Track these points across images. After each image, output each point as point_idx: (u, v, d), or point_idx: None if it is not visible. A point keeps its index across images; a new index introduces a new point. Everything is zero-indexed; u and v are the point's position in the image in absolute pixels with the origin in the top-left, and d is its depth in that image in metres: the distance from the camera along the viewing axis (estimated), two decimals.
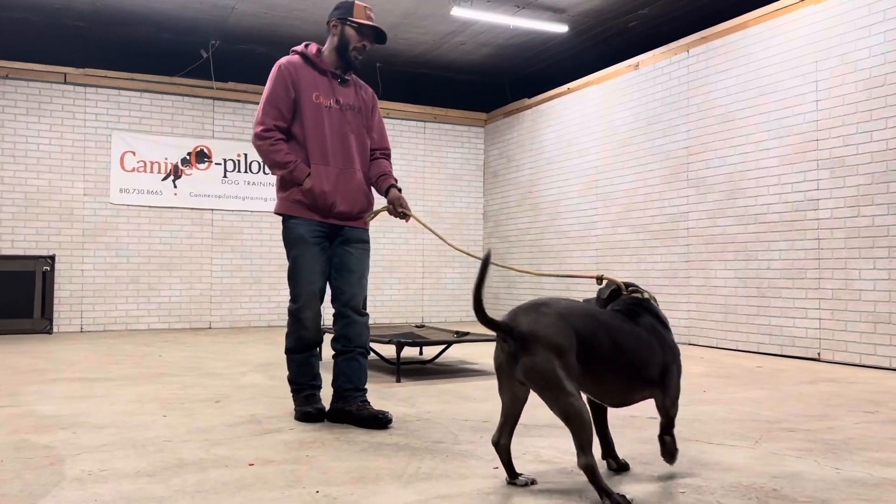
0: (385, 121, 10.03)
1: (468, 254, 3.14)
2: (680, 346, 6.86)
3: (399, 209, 3.41)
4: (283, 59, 3.43)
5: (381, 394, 4.17)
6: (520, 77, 10.54)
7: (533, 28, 8.42)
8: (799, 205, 6.10)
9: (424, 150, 10.36)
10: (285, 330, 3.49)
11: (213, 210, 9.04)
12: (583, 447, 2.13)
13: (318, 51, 3.50)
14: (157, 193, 8.80)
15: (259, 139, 3.34)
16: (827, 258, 5.87)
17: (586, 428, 2.13)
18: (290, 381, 3.46)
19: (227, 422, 3.38)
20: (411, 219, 3.43)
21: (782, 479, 2.48)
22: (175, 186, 8.86)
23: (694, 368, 5.41)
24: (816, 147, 5.99)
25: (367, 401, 3.39)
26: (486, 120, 10.68)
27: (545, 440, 3.04)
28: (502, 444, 2.39)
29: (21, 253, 8.16)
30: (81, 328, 8.38)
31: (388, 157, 3.61)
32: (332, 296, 3.44)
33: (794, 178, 6.15)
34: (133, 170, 8.71)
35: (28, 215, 8.24)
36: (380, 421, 3.23)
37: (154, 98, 8.87)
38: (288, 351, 3.42)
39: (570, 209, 8.86)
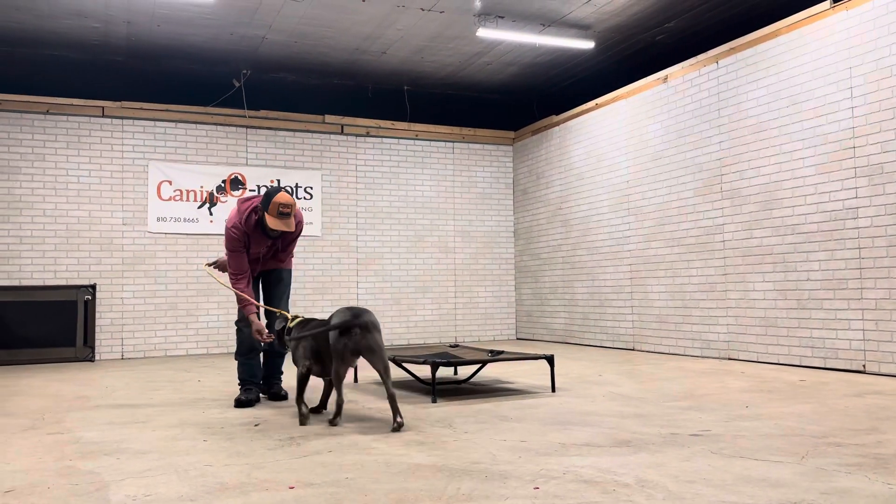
0: (414, 142, 10.13)
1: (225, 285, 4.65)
2: (719, 362, 6.76)
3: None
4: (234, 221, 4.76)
5: (416, 414, 4.17)
6: (547, 94, 10.56)
7: (559, 45, 8.45)
8: (837, 214, 5.99)
9: (453, 171, 10.41)
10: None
11: None
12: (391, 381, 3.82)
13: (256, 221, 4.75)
14: (193, 221, 8.96)
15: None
16: (869, 267, 5.74)
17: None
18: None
19: (267, 445, 3.41)
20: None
21: (832, 496, 2.41)
22: (211, 214, 9.02)
23: (735, 383, 5.32)
24: (853, 155, 5.88)
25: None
26: (515, 138, 10.71)
27: (585, 459, 3.01)
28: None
29: (63, 283, 8.35)
30: (122, 355, 8.54)
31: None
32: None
33: (832, 187, 6.04)
34: (170, 198, 8.89)
35: (70, 246, 8.45)
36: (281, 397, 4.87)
37: (189, 128, 9.07)
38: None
39: (602, 225, 8.81)
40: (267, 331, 4.61)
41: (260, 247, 4.80)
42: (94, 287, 8.37)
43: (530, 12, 7.58)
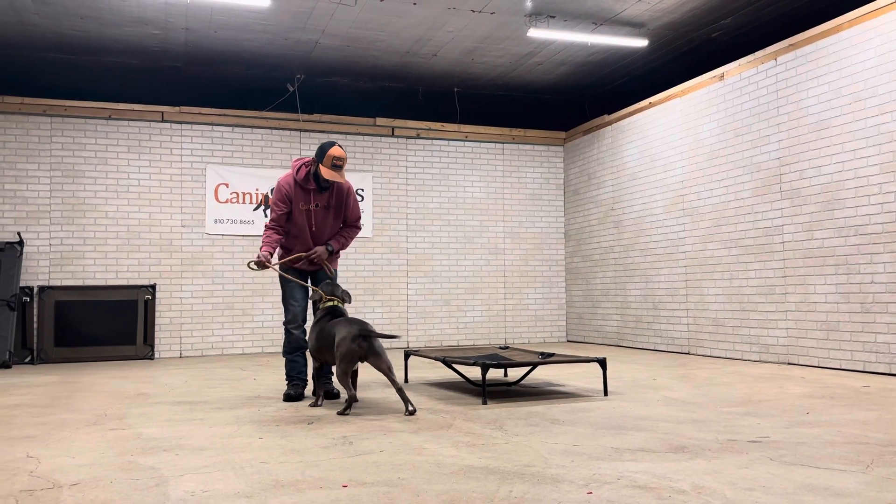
0: (464, 144, 10.14)
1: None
2: (778, 366, 6.58)
3: (310, 258, 4.93)
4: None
5: (467, 416, 4.17)
6: (599, 94, 10.44)
7: (611, 44, 8.35)
8: None
9: (503, 172, 10.38)
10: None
11: None
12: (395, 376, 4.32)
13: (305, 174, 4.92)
14: (249, 223, 9.15)
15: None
16: None
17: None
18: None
19: (321, 443, 3.45)
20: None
21: None
22: (266, 216, 9.19)
23: (795, 389, 5.17)
24: None
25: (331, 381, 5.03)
26: (565, 138, 10.62)
27: (640, 464, 2.96)
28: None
29: (125, 283, 8.63)
30: (181, 353, 8.77)
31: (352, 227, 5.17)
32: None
33: None
34: (226, 201, 9.10)
35: (131, 247, 8.72)
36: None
37: (245, 132, 9.26)
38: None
39: (656, 226, 8.67)
40: (259, 260, 4.77)
41: (309, 203, 4.91)
42: (153, 287, 8.62)
43: (582, 11, 7.51)
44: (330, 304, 4.66)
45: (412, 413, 4.19)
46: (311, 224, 4.96)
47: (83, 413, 4.50)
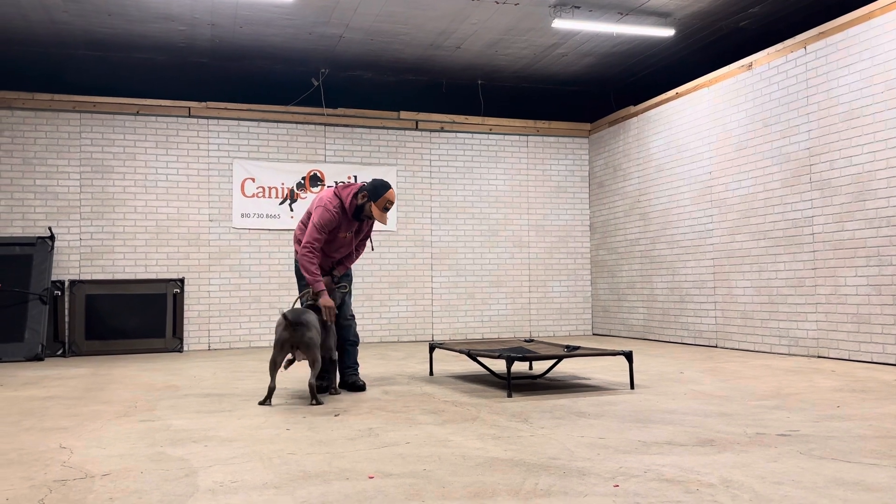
0: (488, 137, 10.11)
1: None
2: (808, 360, 6.48)
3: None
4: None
5: (492, 409, 4.17)
6: (625, 84, 10.34)
7: (637, 34, 8.26)
8: None
9: (527, 164, 10.33)
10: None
11: None
12: (318, 373, 4.45)
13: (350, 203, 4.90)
14: (275, 217, 9.22)
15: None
16: None
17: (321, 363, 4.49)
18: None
19: (347, 435, 3.48)
20: None
21: None
22: (291, 210, 9.26)
23: (825, 382, 5.09)
24: None
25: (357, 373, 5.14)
26: (591, 130, 10.54)
27: (667, 458, 2.94)
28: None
29: (154, 276, 8.75)
30: (209, 346, 8.87)
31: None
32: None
33: None
34: (253, 195, 9.17)
35: (159, 241, 8.84)
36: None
37: (270, 127, 9.33)
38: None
39: (683, 217, 8.57)
40: (318, 297, 4.77)
41: (347, 231, 4.98)
42: (182, 281, 8.73)
43: (607, 1, 7.43)
44: (311, 303, 4.81)
45: (316, 405, 4.34)
46: (341, 248, 5.04)
47: (114, 405, 4.58)
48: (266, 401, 4.44)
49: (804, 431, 3.43)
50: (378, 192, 4.82)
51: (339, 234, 4.94)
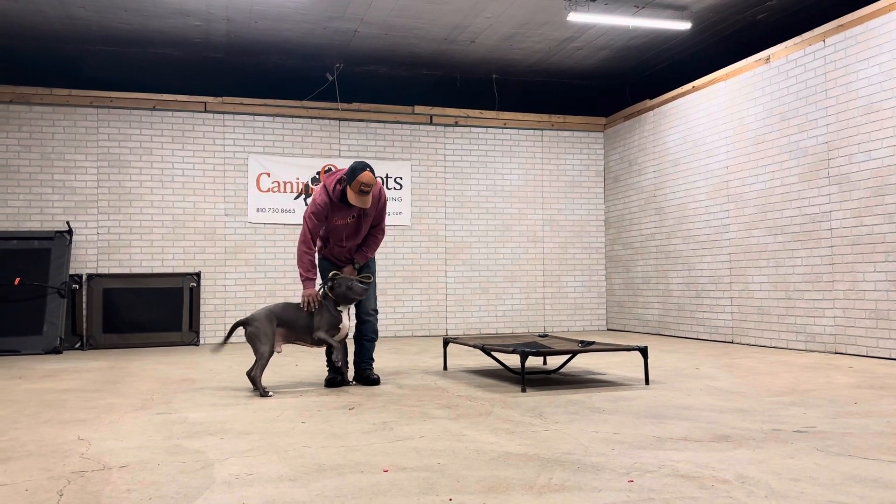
0: (502, 131, 10.08)
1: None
2: (825, 356, 6.42)
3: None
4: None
5: (506, 403, 4.17)
6: (640, 78, 10.28)
7: (653, 28, 8.20)
8: None
9: (542, 159, 10.30)
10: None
11: None
12: (259, 365, 4.68)
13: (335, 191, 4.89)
14: (290, 212, 9.26)
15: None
16: None
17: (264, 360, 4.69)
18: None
19: (361, 428, 3.49)
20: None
21: None
22: (306, 204, 9.28)
23: (842, 379, 5.05)
24: None
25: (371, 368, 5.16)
26: (606, 124, 10.48)
27: (682, 453, 2.93)
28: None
29: (170, 270, 8.81)
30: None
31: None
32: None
33: None
34: (268, 190, 9.21)
35: (176, 236, 8.90)
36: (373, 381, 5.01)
37: (285, 122, 9.36)
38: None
39: (699, 212, 8.52)
40: (311, 300, 4.83)
41: (345, 218, 4.92)
42: (198, 275, 8.79)
43: None
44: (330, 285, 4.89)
45: (259, 395, 4.58)
46: (347, 234, 5.00)
47: (131, 397, 4.63)
48: (263, 392, 4.65)
49: (821, 428, 3.40)
50: (352, 176, 4.70)
51: (335, 222, 4.89)
